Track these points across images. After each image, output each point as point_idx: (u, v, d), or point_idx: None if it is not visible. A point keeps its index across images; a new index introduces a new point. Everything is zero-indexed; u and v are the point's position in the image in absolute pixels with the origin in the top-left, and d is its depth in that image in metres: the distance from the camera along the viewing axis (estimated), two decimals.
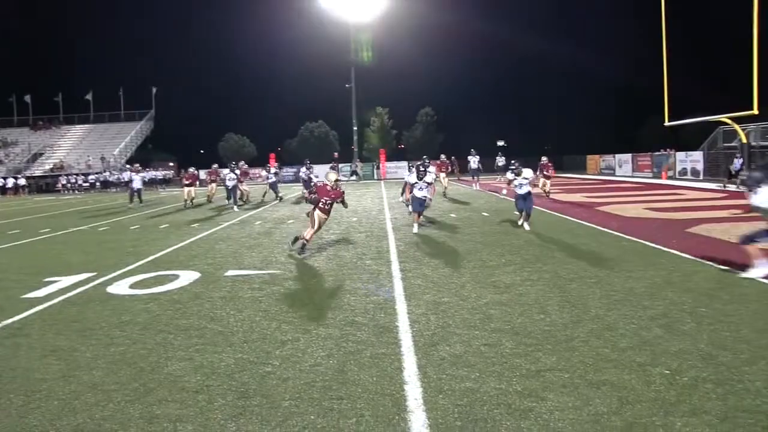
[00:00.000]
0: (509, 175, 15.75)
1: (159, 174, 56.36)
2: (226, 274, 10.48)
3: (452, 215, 19.25)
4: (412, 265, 10.71)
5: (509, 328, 6.77)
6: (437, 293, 8.55)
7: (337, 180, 12.66)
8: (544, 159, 25.96)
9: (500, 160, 42.83)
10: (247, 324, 7.32)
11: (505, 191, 26.49)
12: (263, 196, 29.63)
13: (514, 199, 16.18)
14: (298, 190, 31.30)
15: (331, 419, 4.63)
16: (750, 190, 8.43)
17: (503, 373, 5.42)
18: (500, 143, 67.02)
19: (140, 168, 32.60)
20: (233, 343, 6.58)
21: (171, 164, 68.50)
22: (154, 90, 67.33)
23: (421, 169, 16.15)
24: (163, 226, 18.82)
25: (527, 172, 15.35)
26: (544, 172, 25.57)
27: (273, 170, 29.49)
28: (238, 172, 25.40)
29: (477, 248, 12.37)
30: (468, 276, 9.64)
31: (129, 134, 65.17)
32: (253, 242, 14.32)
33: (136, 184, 28.81)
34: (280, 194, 28.91)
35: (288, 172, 51.59)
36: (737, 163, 29.55)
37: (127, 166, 51.26)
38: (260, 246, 13.62)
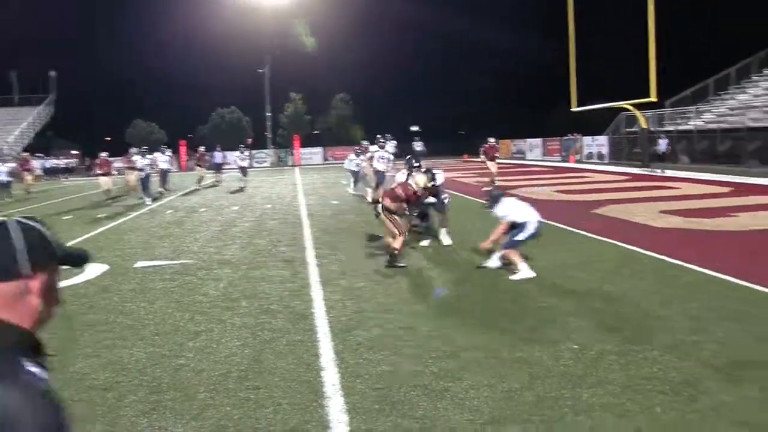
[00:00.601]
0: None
1: (61, 163, 54.04)
2: (136, 265, 10.19)
3: (369, 199, 19.31)
4: (327, 251, 10.71)
5: (425, 310, 6.88)
6: (353, 278, 8.58)
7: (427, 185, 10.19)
8: (491, 140, 24.41)
9: (417, 146, 43.03)
10: (159, 316, 7.14)
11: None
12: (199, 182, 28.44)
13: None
14: (210, 177, 30.61)
15: (247, 409, 4.58)
16: (490, 208, 8.79)
17: (420, 355, 5.50)
18: (414, 128, 67.44)
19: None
20: (144, 337, 6.40)
21: (74, 152, 65.69)
22: (52, 74, 64.09)
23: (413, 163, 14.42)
24: (67, 217, 18.08)
25: (440, 177, 13.97)
26: (490, 155, 23.87)
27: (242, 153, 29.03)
28: (168, 156, 24.68)
29: None
30: (383, 261, 9.72)
31: (25, 120, 61.82)
32: (164, 232, 13.97)
33: (2, 177, 26.98)
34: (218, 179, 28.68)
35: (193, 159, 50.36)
36: (663, 143, 29.32)
37: None
38: (172, 236, 13.30)
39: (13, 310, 1.29)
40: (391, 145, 30.89)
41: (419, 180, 9.99)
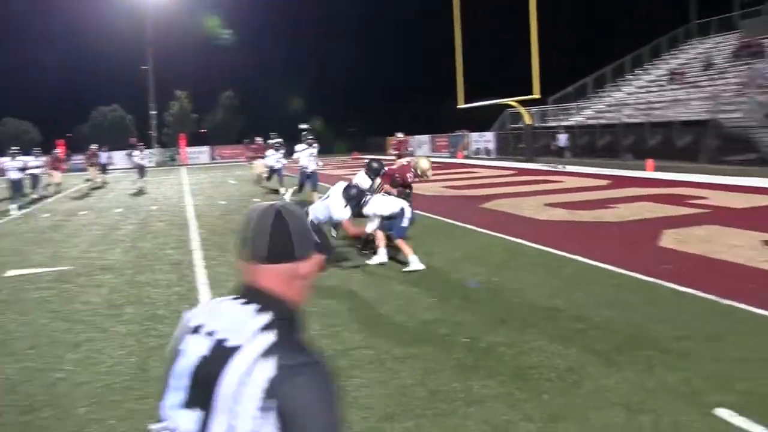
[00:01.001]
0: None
1: None
2: (6, 274, 9.59)
3: (255, 199, 19.05)
4: (215, 253, 10.47)
5: (315, 310, 6.83)
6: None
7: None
8: (399, 135, 23.97)
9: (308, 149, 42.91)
10: (33, 328, 6.70)
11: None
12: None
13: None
14: (82, 178, 29.34)
15: (135, 421, 4.37)
16: (348, 205, 8.86)
17: None
18: (304, 126, 67.13)
19: None
20: (15, 352, 5.97)
21: None
22: None
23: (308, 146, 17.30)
24: None
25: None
26: (400, 151, 22.75)
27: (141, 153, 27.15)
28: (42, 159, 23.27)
29: None
30: None
31: None
32: (39, 237, 13.22)
33: None
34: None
35: (77, 159, 47.94)
36: (562, 138, 29.30)
37: None
38: (48, 241, 12.62)
39: (290, 288, 1.50)
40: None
41: (422, 164, 10.08)
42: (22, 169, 20.80)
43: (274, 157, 20.81)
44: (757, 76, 30.16)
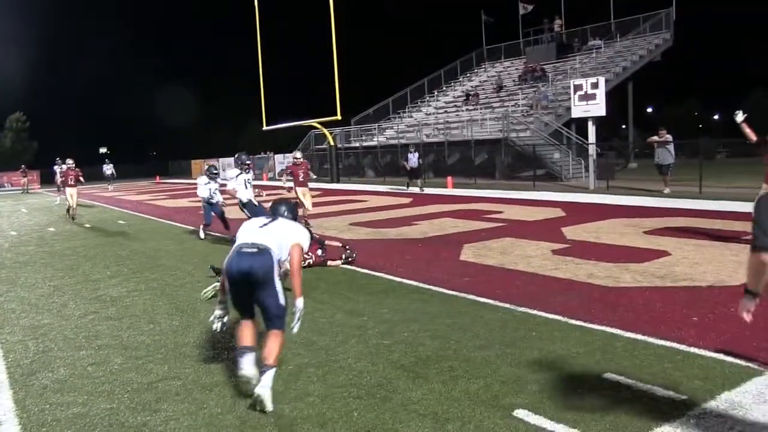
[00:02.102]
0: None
1: None
2: None
3: (50, 229, 17.72)
4: (4, 288, 9.58)
5: (118, 342, 6.44)
6: (36, 316, 7.76)
7: None
8: (69, 162, 20.57)
9: (107, 168, 41.28)
10: None
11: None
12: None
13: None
14: None
15: None
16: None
17: (113, 391, 5.12)
18: (103, 150, 63.71)
19: None
20: None
21: None
22: None
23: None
24: None
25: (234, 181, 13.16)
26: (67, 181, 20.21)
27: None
28: None
29: (80, 262, 11.58)
30: (71, 293, 8.95)
31: None
32: None
33: None
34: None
35: None
36: (413, 158, 25.46)
37: None
38: None
39: None
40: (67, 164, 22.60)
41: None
42: None
43: (207, 188, 14.55)
44: (541, 98, 32.97)
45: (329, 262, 9.92)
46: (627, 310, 6.80)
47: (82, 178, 20.93)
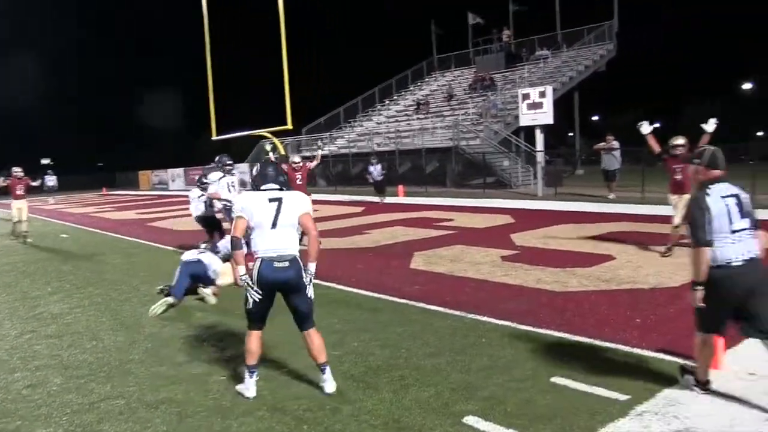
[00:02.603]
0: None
1: None
2: None
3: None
4: None
5: (57, 362, 6.21)
6: None
7: None
8: (16, 170, 18.48)
9: (50, 180, 40.27)
10: None
11: None
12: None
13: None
14: None
15: None
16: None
17: (51, 414, 4.91)
18: (45, 161, 62.16)
19: None
20: None
21: None
22: None
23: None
24: None
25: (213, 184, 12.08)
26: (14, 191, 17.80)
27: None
28: None
29: (18, 279, 11.21)
30: (7, 311, 8.63)
31: None
32: None
33: None
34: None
35: None
36: (376, 170, 24.29)
37: None
38: None
39: None
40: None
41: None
42: None
43: (201, 201, 12.24)
44: (491, 107, 33.34)
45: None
46: (574, 314, 6.88)
47: (31, 186, 18.78)
